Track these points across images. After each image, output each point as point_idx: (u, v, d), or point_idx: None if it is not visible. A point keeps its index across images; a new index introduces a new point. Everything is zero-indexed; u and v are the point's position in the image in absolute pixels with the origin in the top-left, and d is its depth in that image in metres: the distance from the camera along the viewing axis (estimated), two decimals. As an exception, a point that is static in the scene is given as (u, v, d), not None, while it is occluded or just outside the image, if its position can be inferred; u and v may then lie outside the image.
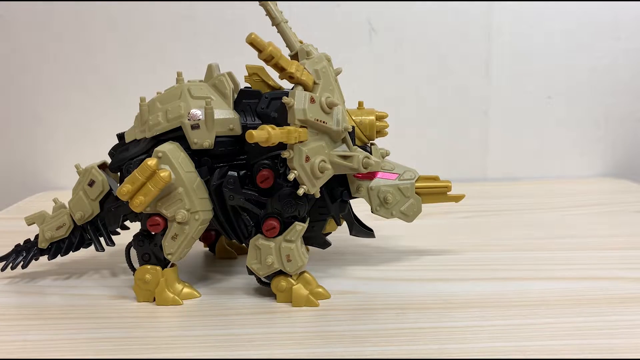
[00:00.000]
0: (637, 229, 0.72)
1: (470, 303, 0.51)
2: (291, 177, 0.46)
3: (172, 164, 0.48)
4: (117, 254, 0.64)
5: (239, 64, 1.05)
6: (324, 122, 0.47)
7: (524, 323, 0.47)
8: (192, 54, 0.97)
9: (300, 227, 0.50)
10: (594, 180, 1.00)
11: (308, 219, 0.51)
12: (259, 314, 0.50)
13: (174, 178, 0.48)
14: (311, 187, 0.48)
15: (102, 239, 0.55)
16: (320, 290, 0.52)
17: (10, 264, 0.57)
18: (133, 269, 0.53)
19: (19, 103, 0.98)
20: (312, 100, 0.46)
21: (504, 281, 0.55)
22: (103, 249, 0.55)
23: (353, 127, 0.52)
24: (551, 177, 1.02)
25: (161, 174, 0.47)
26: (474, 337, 0.45)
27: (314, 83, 0.47)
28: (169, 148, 0.49)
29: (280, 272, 0.51)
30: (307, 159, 0.47)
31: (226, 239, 0.63)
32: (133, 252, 0.54)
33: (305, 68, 0.47)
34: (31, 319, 0.49)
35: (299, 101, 0.46)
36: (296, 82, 0.46)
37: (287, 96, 0.46)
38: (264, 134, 0.43)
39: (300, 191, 0.47)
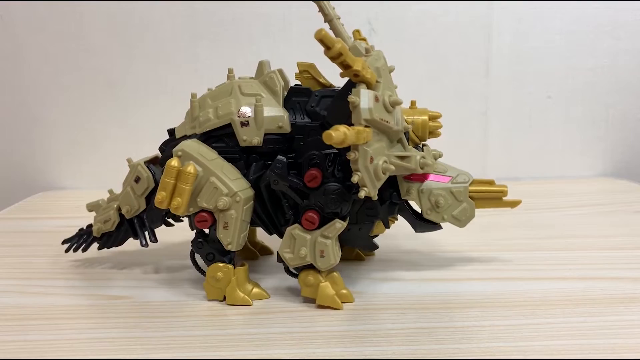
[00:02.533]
0: (637, 229, 0.72)
1: (470, 303, 0.51)
2: (355, 179, 0.44)
3: (194, 158, 0.49)
4: (120, 253, 0.64)
5: (240, 64, 1.05)
6: (386, 121, 0.45)
7: (524, 323, 0.47)
8: (192, 54, 0.97)
9: (339, 225, 0.49)
10: (594, 180, 1.00)
11: (348, 218, 0.50)
12: (259, 314, 0.50)
13: (200, 170, 0.48)
14: (372, 189, 0.46)
15: (147, 234, 0.56)
16: (345, 292, 0.51)
17: (74, 246, 0.59)
18: (202, 272, 0.53)
19: (19, 103, 0.98)
20: (377, 99, 0.45)
21: (504, 281, 0.55)
22: (147, 244, 0.56)
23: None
24: (551, 177, 1.02)
25: (187, 170, 0.48)
26: (474, 337, 0.45)
27: (377, 81, 0.46)
28: (187, 144, 0.49)
29: (310, 266, 0.50)
30: (371, 160, 0.45)
31: (249, 239, 0.62)
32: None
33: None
34: (31, 319, 0.49)
35: (364, 100, 0.44)
36: (360, 80, 0.44)
37: (338, 93, 0.45)
38: (341, 135, 0.40)
39: (362, 194, 0.45)
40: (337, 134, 0.40)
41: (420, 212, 0.53)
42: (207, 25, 0.96)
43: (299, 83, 0.52)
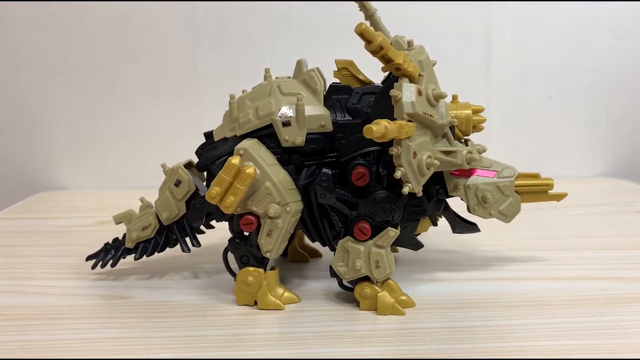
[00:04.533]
0: (637, 229, 0.72)
1: (470, 303, 0.50)
2: (398, 174, 0.43)
3: (255, 160, 0.47)
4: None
5: (239, 64, 1.05)
6: (430, 115, 0.44)
7: (524, 323, 0.47)
8: (192, 54, 0.97)
9: (393, 233, 0.48)
10: (594, 180, 1.00)
11: (399, 225, 0.49)
12: (259, 314, 0.50)
13: (259, 173, 0.47)
14: (416, 185, 0.45)
15: (187, 239, 0.55)
16: (404, 298, 0.50)
17: (100, 262, 0.57)
18: (232, 274, 0.52)
19: (19, 103, 0.98)
20: (420, 93, 0.44)
21: (504, 281, 0.55)
22: (189, 250, 0.55)
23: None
24: (551, 177, 1.02)
25: (247, 171, 0.46)
26: (474, 337, 0.45)
27: (419, 75, 0.45)
28: (249, 144, 0.48)
29: (365, 278, 0.49)
30: (415, 155, 0.44)
31: (298, 242, 0.62)
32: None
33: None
34: (31, 319, 0.49)
35: (406, 94, 0.43)
36: (402, 74, 0.43)
37: (380, 90, 0.44)
38: (382, 129, 0.40)
39: (405, 189, 0.44)
40: (378, 127, 0.39)
41: (467, 208, 0.52)
42: (207, 25, 0.96)
43: (337, 81, 0.51)
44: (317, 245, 0.62)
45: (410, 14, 0.96)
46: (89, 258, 0.58)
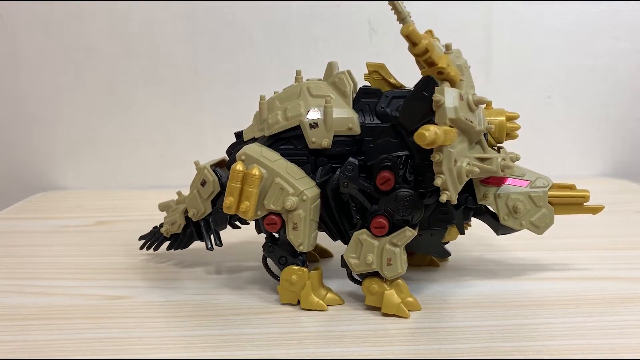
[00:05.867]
0: (637, 229, 0.72)
1: (471, 303, 0.50)
2: (438, 182, 0.43)
3: (257, 161, 0.48)
4: (109, 253, 0.64)
5: (239, 64, 1.05)
6: (470, 121, 0.43)
7: (524, 323, 0.47)
8: (192, 54, 0.97)
9: (410, 233, 0.47)
10: (594, 180, 1.00)
11: (417, 227, 0.48)
12: (259, 314, 0.50)
13: (265, 173, 0.48)
14: (454, 192, 0.44)
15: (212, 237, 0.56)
16: (411, 300, 0.49)
17: (148, 244, 0.60)
18: (275, 277, 0.52)
19: (19, 103, 0.98)
20: (461, 98, 0.43)
21: (504, 281, 0.55)
22: (212, 248, 0.56)
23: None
24: (551, 177, 1.02)
25: (252, 172, 0.47)
26: (474, 337, 0.45)
27: (460, 79, 0.44)
28: (248, 148, 0.49)
29: (375, 274, 0.48)
30: (455, 162, 0.43)
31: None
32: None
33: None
34: (31, 319, 0.49)
35: (449, 99, 0.42)
36: (444, 78, 0.43)
37: (411, 93, 0.44)
38: (433, 135, 0.39)
39: (444, 197, 0.43)
40: (430, 133, 0.39)
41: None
42: (207, 25, 0.96)
43: (368, 84, 0.51)
44: (327, 245, 0.62)
45: (410, 14, 0.95)
46: (141, 238, 0.62)
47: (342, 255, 0.49)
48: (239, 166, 0.48)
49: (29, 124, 1.00)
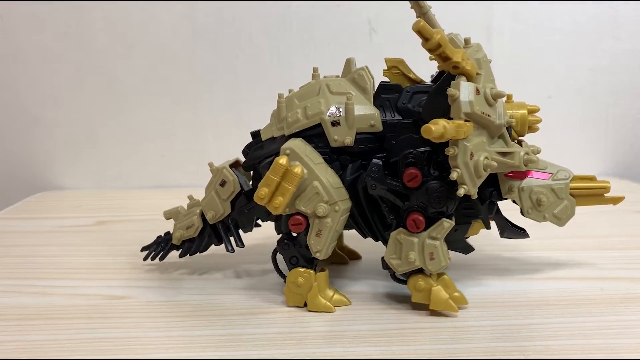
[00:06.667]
0: (637, 229, 0.72)
1: (471, 303, 0.50)
2: (454, 176, 0.42)
3: (301, 159, 0.47)
4: (109, 253, 0.64)
5: (239, 64, 1.05)
6: (488, 115, 0.43)
7: (524, 323, 0.47)
8: (192, 54, 0.97)
9: (447, 224, 0.46)
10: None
11: (453, 216, 0.48)
12: (259, 314, 0.49)
13: (306, 173, 0.47)
14: (472, 187, 0.43)
15: (232, 239, 0.55)
16: (458, 295, 0.49)
17: (152, 254, 0.58)
18: (282, 275, 0.52)
19: (19, 103, 0.98)
20: (477, 92, 0.42)
21: (504, 281, 0.55)
22: (233, 250, 0.55)
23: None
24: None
25: (294, 170, 0.46)
26: (474, 337, 0.45)
27: (477, 73, 0.44)
28: (295, 143, 0.48)
29: (419, 271, 0.48)
30: (471, 155, 0.43)
31: (337, 243, 0.61)
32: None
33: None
34: (31, 319, 0.49)
35: (464, 93, 0.42)
36: (460, 72, 0.42)
37: (435, 88, 0.43)
38: (440, 129, 0.39)
39: (461, 191, 0.43)
40: (437, 127, 0.39)
41: (520, 211, 0.51)
42: (207, 25, 0.96)
43: (387, 79, 0.50)
44: (355, 246, 0.62)
45: (410, 14, 0.95)
46: (143, 249, 0.59)
47: (382, 258, 0.49)
48: (282, 160, 0.46)
49: (28, 124, 1.00)
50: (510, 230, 0.52)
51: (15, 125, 1.00)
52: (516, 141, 0.50)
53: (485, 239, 0.67)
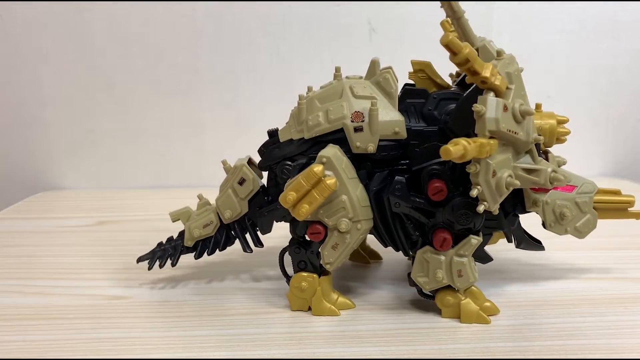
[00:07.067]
0: (637, 229, 0.72)
1: (470, 303, 0.50)
2: (474, 193, 0.41)
3: (336, 170, 0.45)
4: (109, 253, 0.64)
5: (239, 64, 1.05)
6: (515, 132, 0.42)
7: (525, 323, 0.47)
8: (192, 54, 0.97)
9: (475, 241, 0.45)
10: (595, 181, 1.00)
11: (480, 232, 0.47)
12: (259, 314, 0.49)
13: (338, 185, 0.45)
14: (493, 204, 0.42)
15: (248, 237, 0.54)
16: (489, 304, 0.48)
17: (158, 262, 0.55)
18: (286, 276, 0.51)
19: (18, 103, 0.98)
20: (505, 109, 0.41)
21: (504, 281, 0.55)
22: (251, 250, 0.53)
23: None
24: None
25: (328, 182, 0.45)
26: (474, 337, 0.45)
27: (507, 88, 0.42)
28: (332, 153, 0.46)
29: (447, 286, 0.47)
30: (494, 173, 0.41)
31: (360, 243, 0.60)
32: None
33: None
34: (31, 319, 0.49)
35: (490, 109, 0.40)
36: (488, 87, 0.41)
37: (465, 97, 0.42)
38: (460, 150, 0.37)
39: (481, 208, 0.42)
40: (456, 149, 0.37)
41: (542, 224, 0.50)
42: (207, 25, 0.96)
43: (412, 83, 0.48)
44: (376, 247, 0.61)
45: (410, 14, 0.96)
46: (139, 260, 0.56)
47: (408, 274, 0.48)
48: (318, 168, 0.45)
49: (28, 124, 0.99)
50: (527, 242, 0.51)
51: (15, 125, 1.00)
52: (542, 152, 0.49)
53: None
